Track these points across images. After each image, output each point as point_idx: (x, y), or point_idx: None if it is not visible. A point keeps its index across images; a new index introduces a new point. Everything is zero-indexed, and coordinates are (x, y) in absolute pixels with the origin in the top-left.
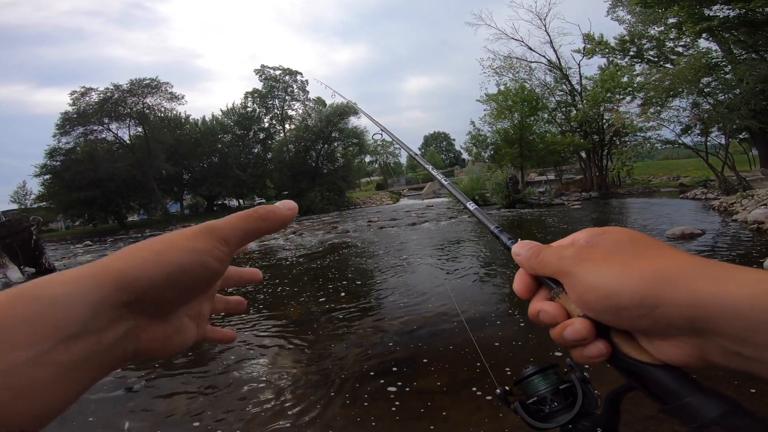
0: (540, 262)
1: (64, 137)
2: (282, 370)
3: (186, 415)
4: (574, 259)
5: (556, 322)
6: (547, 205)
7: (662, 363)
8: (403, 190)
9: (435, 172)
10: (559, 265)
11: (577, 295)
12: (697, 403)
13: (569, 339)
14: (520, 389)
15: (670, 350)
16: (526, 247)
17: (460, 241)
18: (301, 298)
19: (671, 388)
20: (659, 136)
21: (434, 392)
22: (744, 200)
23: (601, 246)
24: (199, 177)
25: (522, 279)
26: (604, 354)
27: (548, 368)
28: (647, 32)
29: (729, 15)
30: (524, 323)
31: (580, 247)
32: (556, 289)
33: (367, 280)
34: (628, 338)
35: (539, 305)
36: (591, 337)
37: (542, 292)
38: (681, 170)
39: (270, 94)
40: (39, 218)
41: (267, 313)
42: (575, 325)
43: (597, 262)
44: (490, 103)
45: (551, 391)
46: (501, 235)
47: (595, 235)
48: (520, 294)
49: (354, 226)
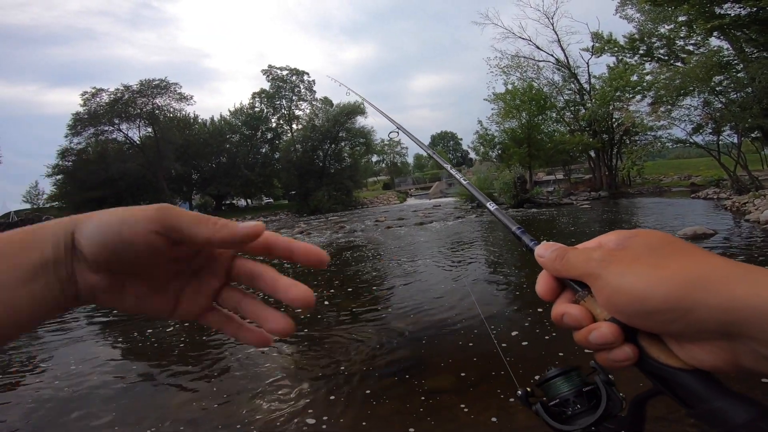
0: (565, 265)
1: (75, 138)
2: (289, 368)
3: (192, 412)
4: (602, 261)
5: (581, 326)
6: (555, 205)
7: (692, 368)
8: (410, 189)
9: (453, 171)
10: (586, 268)
11: (605, 299)
12: (726, 407)
13: (595, 343)
14: (542, 391)
15: (701, 354)
16: (551, 249)
17: (468, 241)
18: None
19: (700, 392)
20: (670, 135)
21: (442, 391)
22: (757, 200)
23: (630, 248)
24: (207, 177)
25: (545, 281)
26: (631, 358)
27: (571, 370)
28: (657, 30)
29: (740, 13)
30: (540, 324)
31: (608, 250)
32: (581, 292)
33: (374, 280)
34: (656, 342)
35: (563, 308)
36: (618, 341)
37: (566, 294)
38: (692, 170)
39: (277, 94)
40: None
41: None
42: (602, 329)
43: (627, 264)
44: (498, 103)
45: (574, 393)
46: (523, 236)
47: (625, 238)
48: (543, 296)
49: (361, 226)
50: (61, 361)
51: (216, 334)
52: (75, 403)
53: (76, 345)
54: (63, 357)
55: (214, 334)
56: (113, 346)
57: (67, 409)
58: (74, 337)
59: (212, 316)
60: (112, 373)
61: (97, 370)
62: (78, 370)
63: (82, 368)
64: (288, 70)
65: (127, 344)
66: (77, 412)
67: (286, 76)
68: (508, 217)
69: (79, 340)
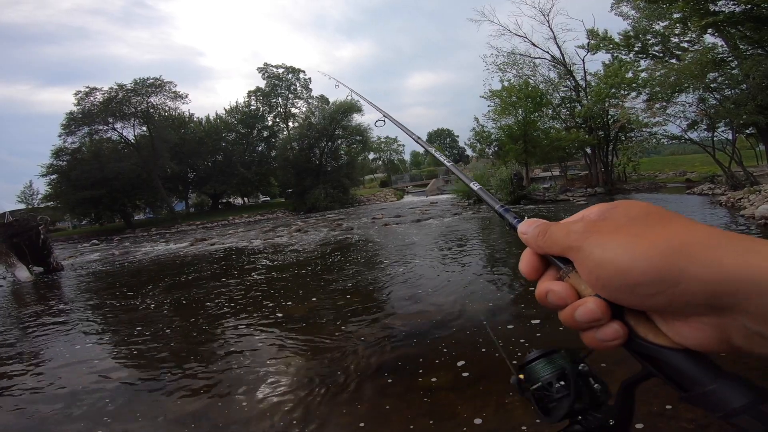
0: (547, 240)
1: (69, 137)
2: (288, 367)
3: (188, 412)
4: (583, 233)
5: (566, 303)
6: (552, 201)
7: (682, 347)
8: (407, 187)
9: (438, 154)
10: (567, 241)
11: (587, 272)
12: (722, 390)
13: (581, 320)
14: (524, 375)
15: (690, 332)
16: (533, 225)
17: (465, 237)
18: (306, 295)
19: (693, 374)
20: (665, 132)
21: (441, 389)
22: (751, 195)
23: (612, 219)
24: (203, 175)
25: (528, 259)
26: (620, 336)
27: (553, 352)
28: (652, 28)
29: (734, 10)
30: (535, 312)
31: (589, 221)
32: (565, 269)
33: (372, 277)
34: (644, 320)
35: (547, 285)
36: (605, 317)
37: (550, 272)
38: (687, 166)
39: (273, 93)
40: (46, 218)
41: (274, 310)
42: (588, 304)
43: (608, 234)
44: (494, 100)
45: (557, 377)
46: (506, 215)
47: (606, 209)
48: (527, 275)
49: (358, 224)
50: (54, 363)
51: (211, 335)
52: (68, 404)
53: (69, 346)
54: (55, 358)
55: (209, 335)
56: (110, 347)
57: (61, 410)
58: (67, 339)
59: None
60: (108, 374)
61: (92, 371)
62: (71, 371)
63: (75, 369)
64: (284, 68)
65: (122, 345)
66: (70, 413)
67: (282, 74)
68: (491, 195)
69: (72, 341)
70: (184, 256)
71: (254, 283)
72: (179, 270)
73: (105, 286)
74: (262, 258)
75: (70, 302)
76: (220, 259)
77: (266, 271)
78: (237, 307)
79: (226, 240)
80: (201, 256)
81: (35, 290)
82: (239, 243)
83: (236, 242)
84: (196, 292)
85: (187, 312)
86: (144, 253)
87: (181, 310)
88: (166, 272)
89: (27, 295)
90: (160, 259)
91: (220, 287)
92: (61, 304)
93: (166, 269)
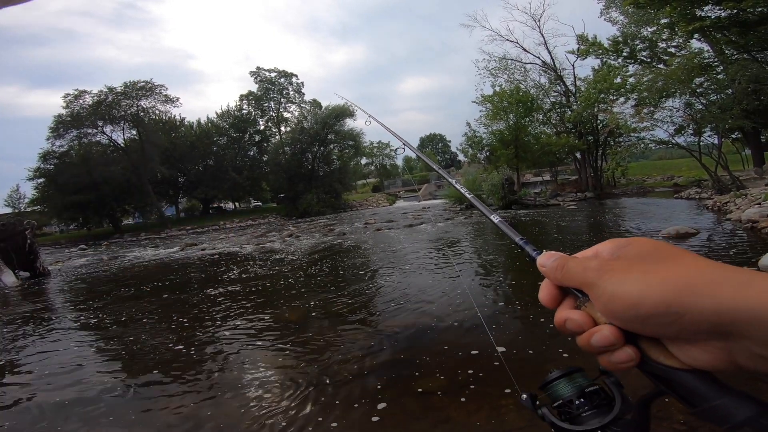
0: (565, 274)
1: (57, 140)
2: (281, 372)
3: (181, 417)
4: (598, 271)
5: (583, 330)
6: (543, 206)
7: (691, 368)
8: (400, 192)
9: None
10: (583, 277)
11: (602, 306)
12: (728, 404)
13: (597, 345)
14: (545, 393)
15: (699, 354)
16: (552, 258)
17: (457, 242)
18: (299, 301)
19: (701, 391)
20: (653, 137)
21: (434, 392)
22: (738, 199)
23: (624, 257)
24: (194, 180)
25: (548, 289)
26: (633, 359)
27: (575, 371)
28: (640, 33)
29: (720, 15)
30: (537, 324)
31: (603, 260)
32: (582, 298)
33: (365, 282)
34: (656, 344)
35: (566, 314)
36: (619, 343)
37: (568, 301)
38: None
39: (265, 96)
40: (33, 222)
41: (266, 315)
42: (603, 331)
43: (620, 272)
44: (486, 105)
45: (577, 395)
46: (526, 247)
47: (619, 247)
48: (546, 304)
49: (351, 228)
50: (40, 369)
51: (201, 340)
52: (54, 411)
53: (55, 351)
54: (42, 364)
55: (199, 340)
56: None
57: (47, 417)
58: (54, 344)
59: None
60: (96, 379)
61: (79, 377)
62: (57, 377)
63: (62, 375)
64: (276, 72)
65: (110, 351)
66: (56, 420)
67: (275, 78)
68: (511, 228)
69: (59, 347)
70: (174, 262)
71: (246, 288)
72: (169, 275)
73: (93, 291)
74: (253, 263)
75: (57, 308)
76: (211, 264)
77: (258, 276)
78: (228, 313)
79: (217, 245)
80: (191, 262)
81: (22, 295)
82: (231, 248)
83: (227, 247)
84: (186, 298)
85: (177, 318)
86: (133, 259)
87: (170, 315)
88: (155, 278)
89: (13, 300)
90: (150, 265)
91: (211, 293)
92: (47, 310)
93: (155, 275)
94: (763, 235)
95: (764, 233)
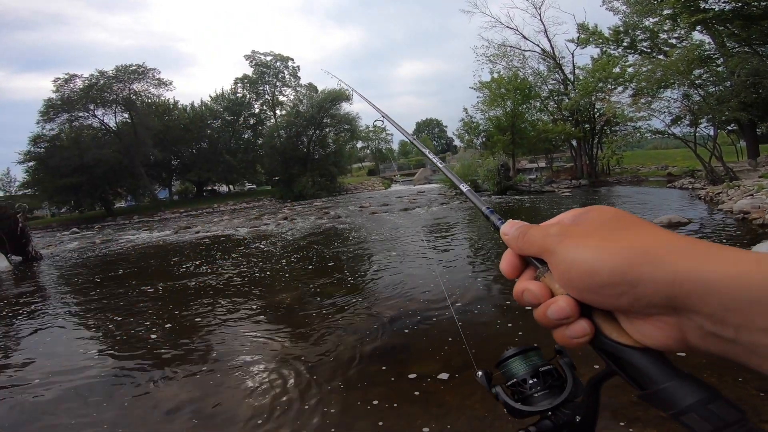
0: (526, 242)
1: (48, 124)
2: (275, 357)
3: (178, 400)
4: (557, 236)
5: (540, 302)
6: (537, 192)
7: (643, 346)
8: (395, 175)
9: (431, 156)
10: (543, 244)
11: (559, 273)
12: (674, 389)
13: (552, 318)
14: (500, 371)
15: (651, 332)
16: (515, 226)
17: (451, 227)
18: (293, 284)
19: (650, 372)
20: (649, 126)
21: (429, 377)
22: (730, 190)
23: (584, 224)
24: (188, 163)
25: (509, 259)
26: (587, 333)
27: (530, 349)
28: (642, 23)
29: (724, 8)
30: (512, 308)
31: (564, 226)
32: (541, 269)
33: (359, 266)
34: (610, 319)
35: (524, 285)
36: (574, 315)
37: (528, 272)
38: (669, 160)
39: (261, 80)
40: (25, 205)
41: (260, 299)
42: (559, 302)
43: (579, 238)
44: (483, 91)
45: (531, 374)
46: (491, 216)
47: (580, 214)
48: (507, 274)
49: (346, 212)
50: (32, 353)
51: (195, 324)
52: (47, 396)
53: (48, 336)
54: (34, 349)
55: (193, 324)
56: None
57: (40, 402)
58: (47, 329)
59: None
60: (88, 364)
61: (72, 362)
62: (50, 362)
63: (55, 360)
64: (272, 56)
65: (103, 336)
66: (49, 404)
67: (270, 62)
68: (479, 197)
69: (51, 332)
70: (168, 245)
71: (240, 271)
72: (162, 259)
73: (85, 275)
74: (248, 246)
75: (50, 292)
76: (205, 247)
77: (252, 259)
78: (222, 296)
79: (211, 228)
80: (185, 245)
81: (14, 280)
82: (225, 231)
83: (221, 230)
84: (179, 281)
85: (170, 301)
86: (126, 242)
87: (164, 299)
88: (148, 261)
89: (5, 284)
90: (143, 248)
91: (205, 276)
92: (40, 294)
93: (148, 258)
94: (753, 226)
95: (755, 224)
